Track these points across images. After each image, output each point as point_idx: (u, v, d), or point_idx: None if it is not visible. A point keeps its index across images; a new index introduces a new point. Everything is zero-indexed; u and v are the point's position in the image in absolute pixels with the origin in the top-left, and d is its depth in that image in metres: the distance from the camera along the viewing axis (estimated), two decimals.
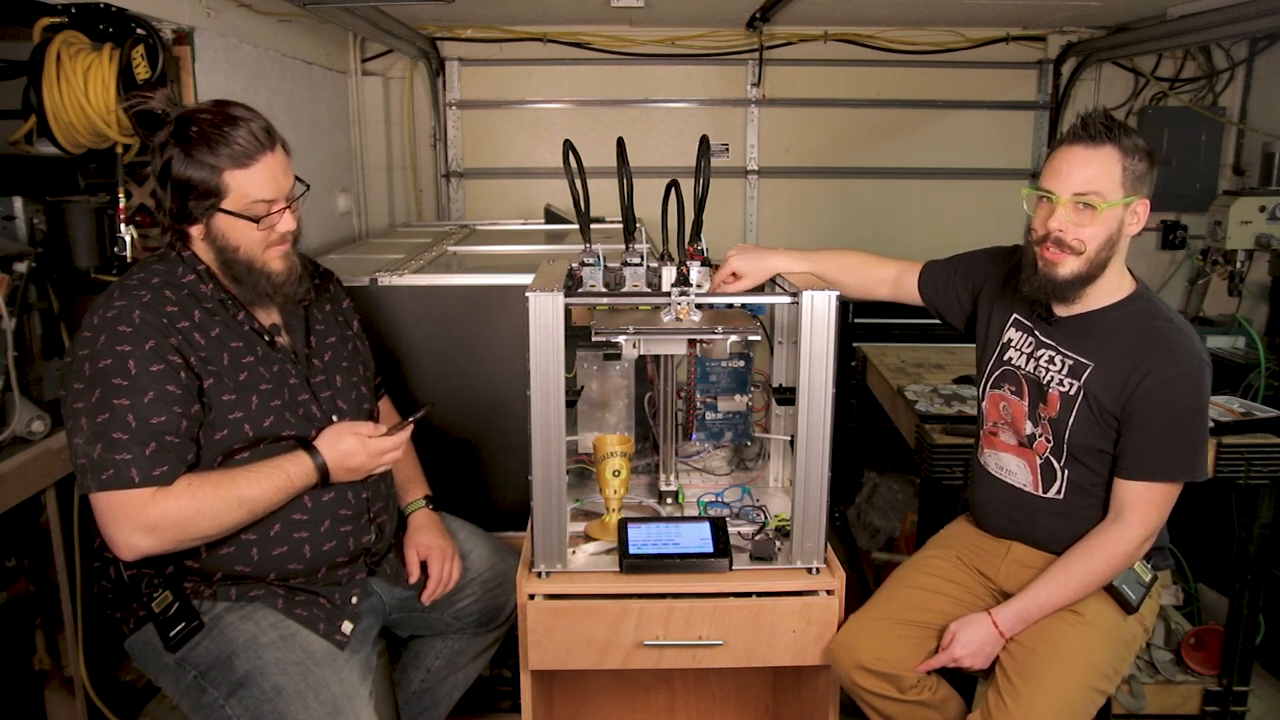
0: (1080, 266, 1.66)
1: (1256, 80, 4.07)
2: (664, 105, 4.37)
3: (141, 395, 1.52)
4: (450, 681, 2.07)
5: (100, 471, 1.50)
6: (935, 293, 1.97)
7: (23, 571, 2.13)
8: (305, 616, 1.69)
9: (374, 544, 1.81)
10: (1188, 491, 1.71)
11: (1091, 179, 1.62)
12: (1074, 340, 1.74)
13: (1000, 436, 1.85)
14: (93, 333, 1.55)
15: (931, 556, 1.91)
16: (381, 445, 1.71)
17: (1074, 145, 1.64)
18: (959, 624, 1.71)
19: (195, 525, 1.55)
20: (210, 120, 1.58)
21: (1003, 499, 1.84)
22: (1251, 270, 3.40)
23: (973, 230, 4.32)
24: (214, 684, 1.60)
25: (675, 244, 1.73)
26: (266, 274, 1.66)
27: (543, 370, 1.61)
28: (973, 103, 4.36)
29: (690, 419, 1.98)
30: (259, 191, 1.61)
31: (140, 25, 2.27)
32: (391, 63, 4.26)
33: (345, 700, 1.60)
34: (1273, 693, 2.70)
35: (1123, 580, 1.71)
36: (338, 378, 1.81)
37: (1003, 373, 1.84)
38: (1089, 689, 1.66)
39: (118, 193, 2.31)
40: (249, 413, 1.63)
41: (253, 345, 1.68)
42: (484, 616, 1.99)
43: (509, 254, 3.08)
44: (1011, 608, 1.70)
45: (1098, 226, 1.63)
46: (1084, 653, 1.67)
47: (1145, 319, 1.69)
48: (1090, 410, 1.70)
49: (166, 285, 1.62)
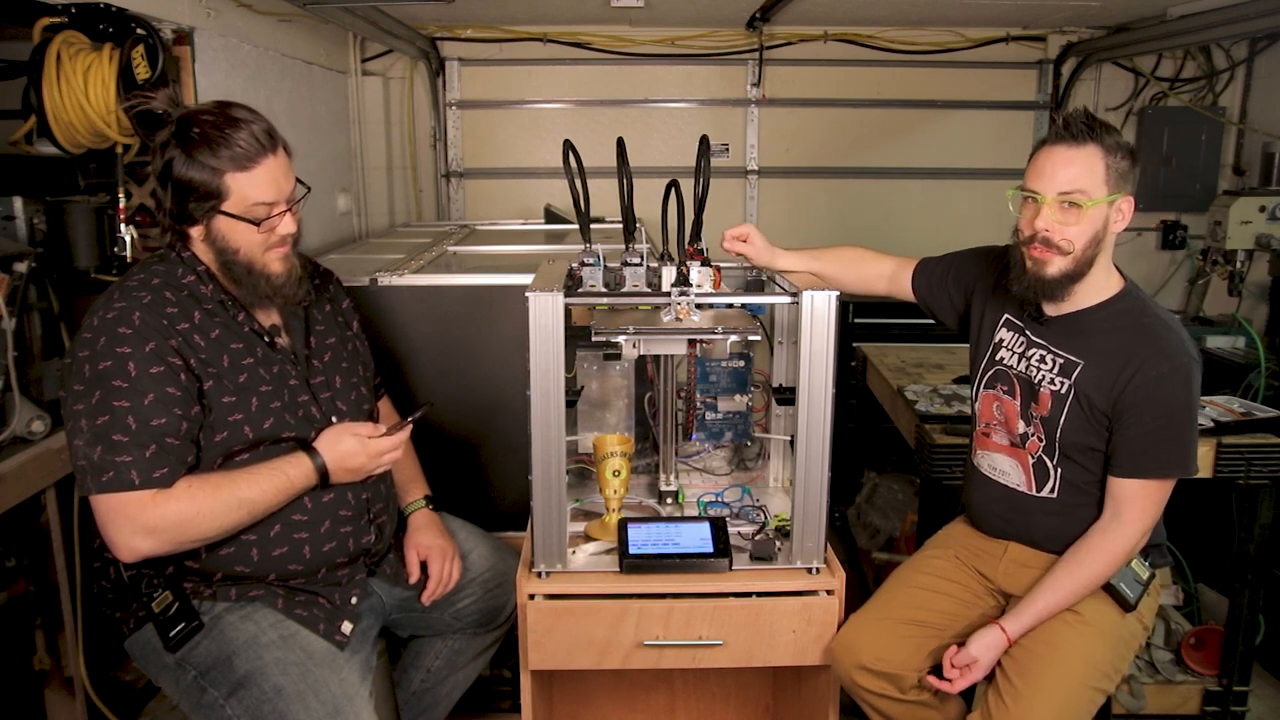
0: (1068, 265, 1.67)
1: (1256, 80, 4.07)
2: (664, 105, 4.37)
3: (142, 397, 1.52)
4: (450, 681, 2.07)
5: (100, 473, 1.50)
6: (928, 290, 1.97)
7: (23, 571, 2.13)
8: (305, 617, 1.69)
9: (374, 544, 1.81)
10: (1188, 491, 1.72)
11: (1075, 178, 1.63)
12: (1064, 339, 1.74)
13: (993, 437, 1.85)
14: (93, 334, 1.55)
15: (931, 557, 1.91)
16: (381, 446, 1.71)
17: (1057, 145, 1.65)
18: (977, 646, 1.69)
19: (195, 527, 1.55)
20: (212, 122, 1.58)
21: (997, 499, 1.84)
22: (1251, 270, 3.40)
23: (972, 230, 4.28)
24: (214, 684, 1.60)
25: (675, 244, 1.73)
26: (266, 276, 1.66)
27: (543, 370, 1.61)
28: (972, 103, 4.36)
29: (690, 419, 1.98)
30: (260, 194, 1.60)
31: (140, 25, 2.27)
32: (391, 63, 4.26)
33: (345, 700, 1.60)
34: (1273, 693, 2.70)
35: (1120, 578, 1.71)
36: (337, 378, 1.81)
37: (995, 373, 1.84)
38: (1089, 688, 1.66)
39: (118, 193, 2.31)
40: (249, 414, 1.63)
41: (253, 346, 1.68)
42: (484, 616, 1.99)
43: (509, 254, 3.08)
44: (1018, 618, 1.69)
45: (1084, 225, 1.64)
46: (1083, 652, 1.67)
47: (1134, 316, 1.70)
48: (1081, 409, 1.71)
49: (167, 286, 1.62)
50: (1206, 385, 1.78)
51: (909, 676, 1.73)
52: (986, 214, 4.29)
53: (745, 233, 1.93)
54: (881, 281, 2.01)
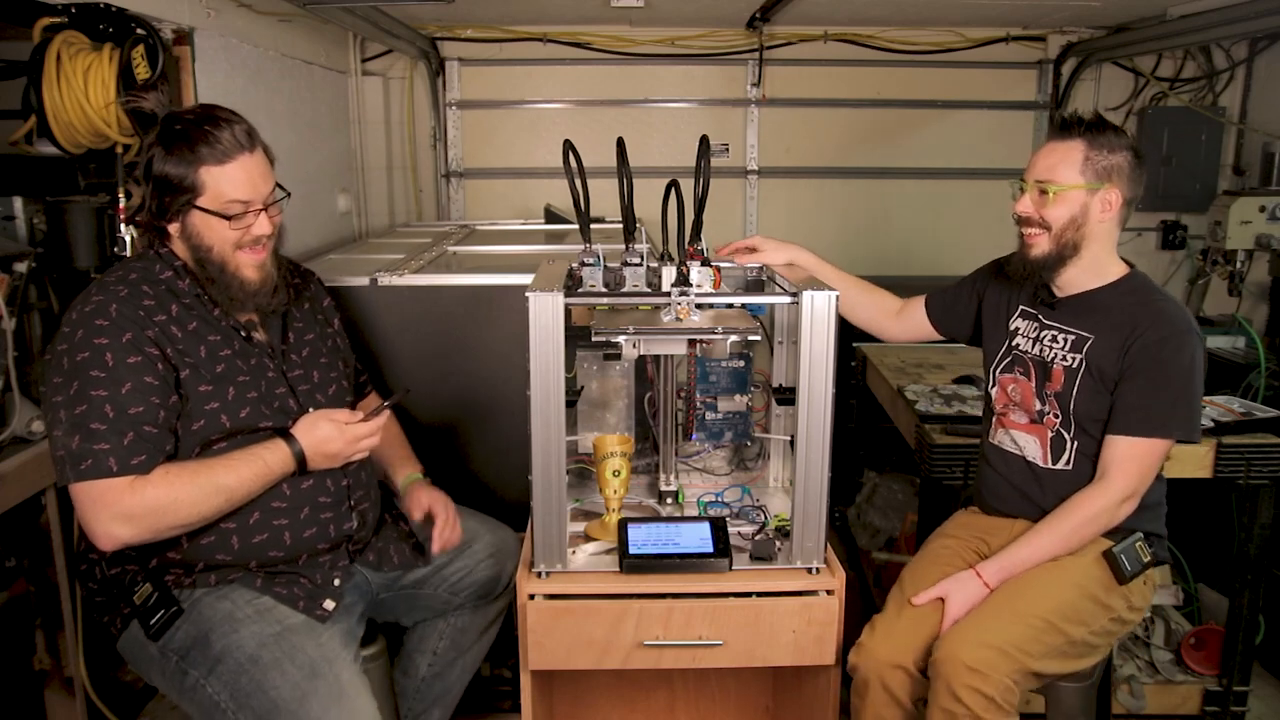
0: (1050, 245, 1.80)
1: (1256, 80, 4.07)
2: (664, 105, 4.37)
3: (119, 386, 1.53)
4: (459, 665, 2.06)
5: (79, 462, 1.51)
6: (945, 311, 2.09)
7: (23, 571, 2.13)
8: (284, 594, 1.70)
9: (356, 531, 1.82)
10: (1188, 491, 1.73)
11: (1051, 167, 1.78)
12: (1075, 318, 1.85)
13: (1011, 416, 1.93)
14: (71, 328, 1.57)
15: (941, 547, 1.95)
16: (358, 431, 1.72)
17: (1049, 140, 1.82)
18: (950, 587, 1.77)
19: (173, 513, 1.55)
20: (193, 120, 1.61)
21: (1015, 470, 1.91)
22: (1251, 270, 3.40)
23: (972, 230, 4.33)
24: (194, 665, 1.61)
25: (675, 244, 1.73)
26: (239, 280, 1.67)
27: (543, 370, 1.61)
28: (973, 103, 4.36)
29: (690, 419, 1.98)
30: (234, 191, 1.62)
31: (140, 25, 2.27)
32: (391, 63, 4.26)
33: (324, 663, 1.60)
34: (1273, 693, 2.70)
35: (1122, 550, 1.78)
36: (315, 373, 1.83)
37: (1011, 359, 1.93)
38: (1043, 619, 1.70)
39: (118, 193, 2.31)
40: (225, 404, 1.65)
41: (230, 339, 1.70)
42: (482, 588, 1.99)
43: (509, 254, 3.08)
44: (997, 562, 1.78)
45: (1057, 208, 1.77)
46: (1047, 588, 1.74)
47: (1141, 294, 1.81)
48: (1092, 379, 1.79)
49: (144, 281, 1.64)
50: (1207, 385, 1.81)
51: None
52: (986, 214, 4.30)
53: (751, 244, 2.03)
54: (889, 316, 2.14)
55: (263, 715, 1.55)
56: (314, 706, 1.55)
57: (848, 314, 2.12)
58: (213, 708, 1.59)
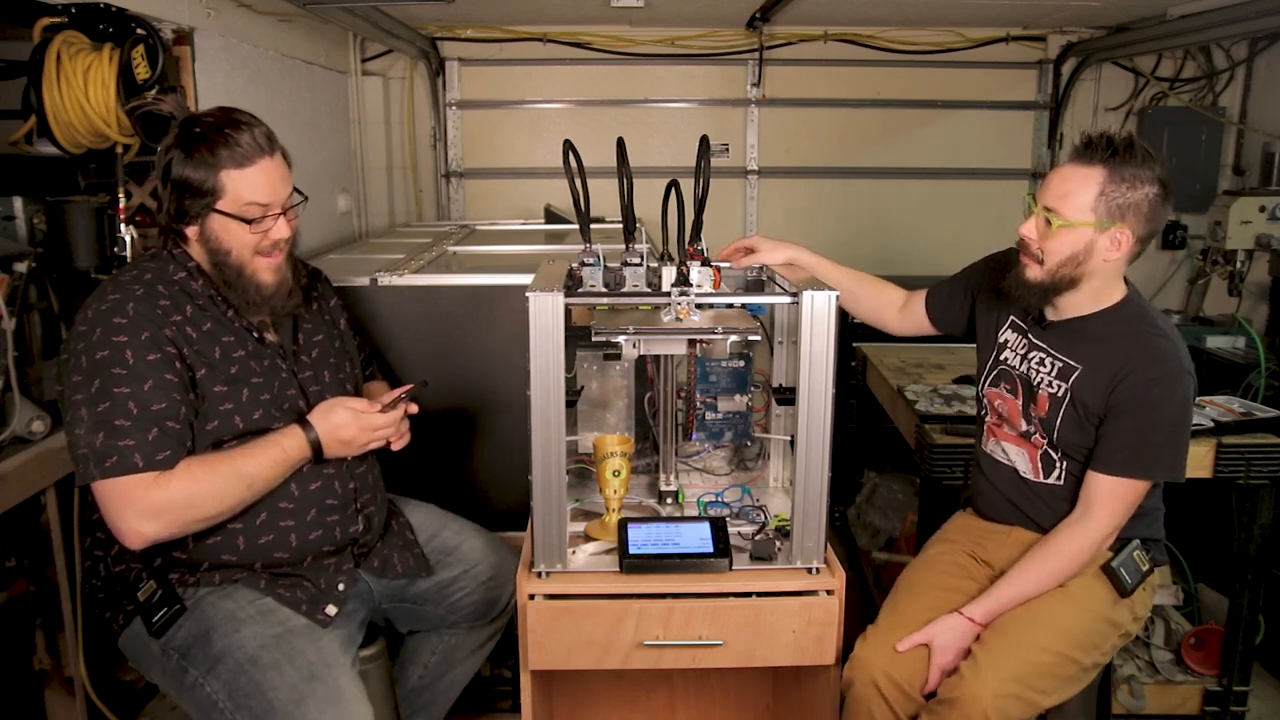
0: (1041, 275, 1.72)
1: (1256, 80, 4.07)
2: (664, 105, 4.37)
3: (141, 383, 1.53)
4: (448, 679, 2.07)
5: (104, 459, 1.51)
6: (942, 310, 2.05)
7: (23, 571, 2.13)
8: (288, 597, 1.70)
9: (361, 535, 1.83)
10: (1188, 491, 1.73)
11: (1063, 195, 1.67)
12: (1065, 344, 1.79)
13: (1003, 428, 1.90)
14: (88, 326, 1.56)
15: (938, 554, 1.94)
16: (375, 420, 1.73)
17: (1071, 161, 1.69)
18: (936, 631, 1.73)
19: (199, 506, 1.56)
20: (213, 123, 1.61)
21: (1006, 480, 1.89)
22: (1251, 270, 3.40)
23: (972, 230, 4.32)
24: (194, 663, 1.61)
25: (675, 244, 1.73)
26: (256, 284, 1.68)
27: (543, 370, 1.60)
28: (973, 103, 4.36)
29: (690, 419, 1.98)
30: (254, 194, 1.62)
31: (140, 25, 2.27)
32: (391, 63, 4.26)
33: (323, 667, 1.60)
34: (1273, 693, 2.70)
35: (1121, 563, 1.75)
36: (325, 373, 1.83)
37: (999, 372, 1.89)
38: (1058, 654, 1.68)
39: (118, 193, 2.31)
40: (239, 405, 1.65)
41: (243, 340, 1.70)
42: (479, 610, 2.00)
43: (509, 254, 3.08)
44: (983, 604, 1.75)
45: (1056, 242, 1.68)
46: (1060, 619, 1.71)
47: (1133, 324, 1.73)
48: (1076, 412, 1.74)
49: (159, 281, 1.64)
50: (1207, 385, 1.81)
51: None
52: (986, 214, 4.29)
53: (750, 243, 2.00)
54: (892, 310, 2.10)
55: (259, 716, 1.55)
56: (310, 709, 1.55)
57: (849, 308, 2.12)
58: (210, 707, 1.59)
